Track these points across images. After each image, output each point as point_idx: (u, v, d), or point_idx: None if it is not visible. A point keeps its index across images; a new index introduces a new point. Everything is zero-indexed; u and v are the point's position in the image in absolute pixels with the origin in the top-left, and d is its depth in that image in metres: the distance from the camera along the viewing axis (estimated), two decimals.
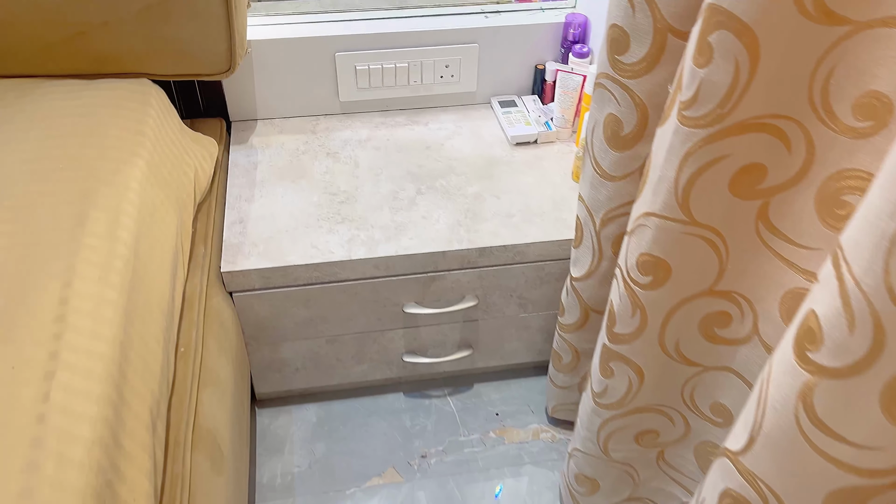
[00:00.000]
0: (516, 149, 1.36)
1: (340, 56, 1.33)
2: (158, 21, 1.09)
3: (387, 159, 1.32)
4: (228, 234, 1.16)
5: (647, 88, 0.85)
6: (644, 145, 0.90)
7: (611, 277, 1.06)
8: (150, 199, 0.98)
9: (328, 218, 1.19)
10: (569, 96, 1.32)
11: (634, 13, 0.80)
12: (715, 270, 0.80)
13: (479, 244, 1.15)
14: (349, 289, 1.17)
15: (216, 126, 1.36)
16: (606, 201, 0.97)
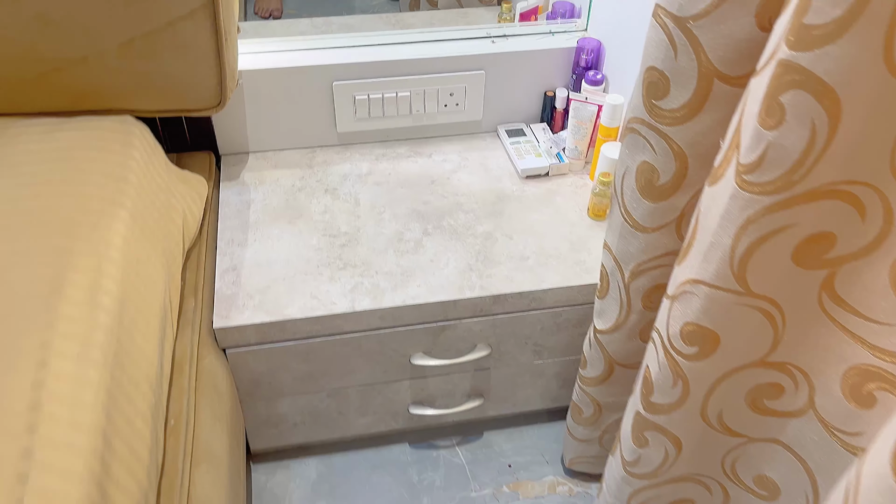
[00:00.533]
0: (527, 182, 1.27)
1: (338, 85, 1.24)
2: (142, 56, 1.00)
3: (390, 196, 1.23)
4: (220, 283, 1.06)
5: (687, 137, 0.77)
6: (682, 196, 0.82)
7: (639, 331, 0.97)
8: (134, 254, 0.89)
9: (329, 264, 1.10)
10: (582, 127, 1.24)
11: (677, 56, 0.72)
12: (769, 342, 0.72)
13: (493, 291, 1.07)
14: (353, 341, 1.08)
15: (204, 161, 1.26)
16: (638, 253, 0.89)
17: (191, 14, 0.99)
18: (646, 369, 0.84)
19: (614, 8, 1.22)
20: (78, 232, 0.86)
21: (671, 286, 0.76)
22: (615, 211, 0.91)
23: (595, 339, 1.03)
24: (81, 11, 0.94)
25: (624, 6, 1.18)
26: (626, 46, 1.19)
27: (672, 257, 0.89)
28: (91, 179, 0.93)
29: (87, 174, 0.93)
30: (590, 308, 1.13)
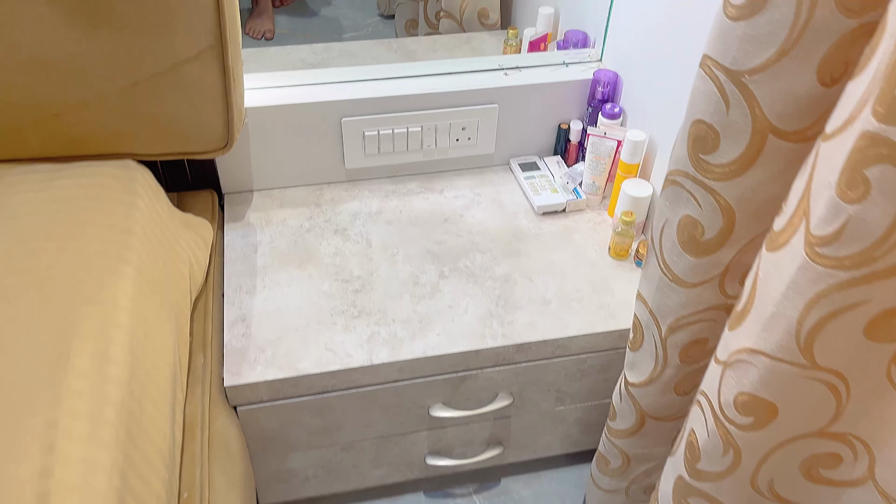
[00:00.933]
0: (543, 219, 1.23)
1: (347, 121, 1.19)
2: (146, 99, 0.95)
3: (402, 235, 1.18)
4: (229, 336, 1.01)
5: (737, 192, 0.73)
6: (727, 251, 0.78)
7: (674, 385, 0.93)
8: (143, 315, 0.83)
9: (342, 311, 1.05)
10: (601, 162, 1.20)
11: (728, 110, 0.68)
12: (830, 413, 0.68)
13: (516, 339, 1.02)
14: (369, 395, 1.03)
15: (207, 201, 1.21)
16: (678, 308, 0.85)
17: (198, 55, 0.93)
18: (691, 433, 0.79)
19: (630, 38, 1.18)
20: (81, 292, 0.80)
21: (722, 351, 0.72)
22: (652, 263, 0.86)
23: (626, 391, 0.98)
24: (82, 55, 0.89)
25: (640, 37, 1.15)
26: (644, 78, 1.15)
27: (714, 312, 0.84)
28: (93, 233, 0.87)
29: (89, 227, 0.88)
30: (614, 353, 1.09)
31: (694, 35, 1.00)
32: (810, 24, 0.60)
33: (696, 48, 1.00)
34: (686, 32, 1.02)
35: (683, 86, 1.05)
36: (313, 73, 1.22)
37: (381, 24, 1.78)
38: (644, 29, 1.13)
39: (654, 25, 1.10)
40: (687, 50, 1.02)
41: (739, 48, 0.64)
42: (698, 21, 0.98)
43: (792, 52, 0.62)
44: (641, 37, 1.15)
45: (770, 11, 0.61)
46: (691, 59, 1.02)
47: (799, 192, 0.60)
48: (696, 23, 0.99)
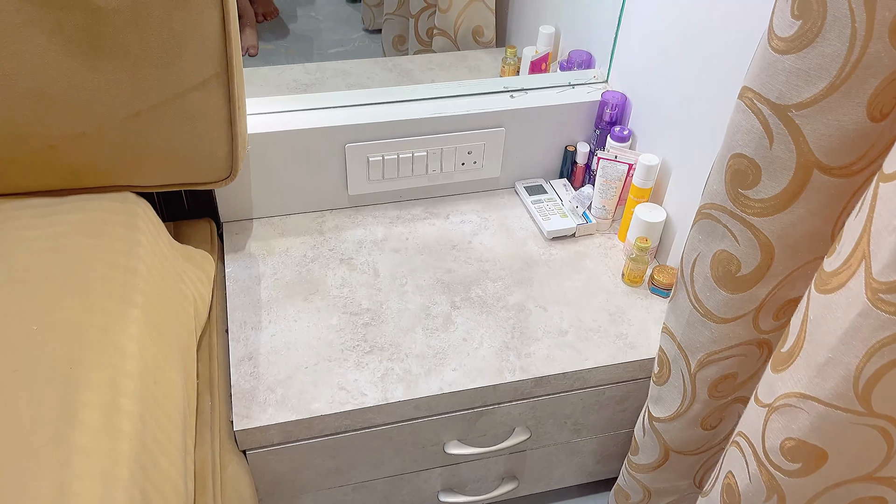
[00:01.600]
0: (553, 244, 1.20)
1: (351, 147, 1.16)
2: (148, 129, 0.90)
3: (410, 264, 1.14)
4: (237, 376, 0.96)
5: (777, 228, 0.70)
6: (763, 287, 0.75)
7: (701, 419, 0.91)
8: (151, 360, 0.78)
9: (353, 347, 1.01)
10: (611, 186, 1.18)
11: (772, 145, 0.66)
12: (881, 458, 0.65)
13: (534, 373, 0.99)
14: (384, 433, 0.99)
15: (205, 230, 1.16)
16: (708, 343, 0.82)
17: (203, 84, 0.89)
18: (728, 476, 0.77)
19: (637, 59, 1.16)
20: (86, 339, 0.75)
21: (766, 393, 0.69)
22: (681, 297, 0.84)
23: (650, 425, 0.95)
24: (82, 86, 0.84)
25: (649, 57, 1.13)
26: (654, 100, 1.13)
27: (746, 347, 0.82)
28: (96, 272, 0.82)
29: (91, 266, 0.83)
30: (633, 384, 1.06)
31: (706, 56, 0.98)
32: (863, 58, 0.58)
33: (708, 69, 0.98)
34: (698, 53, 1.00)
35: (695, 108, 1.03)
36: (315, 97, 1.18)
37: (366, 38, 1.75)
38: (653, 49, 1.11)
39: (664, 46, 1.08)
40: (699, 71, 1.00)
41: (787, 82, 0.62)
42: (711, 42, 0.97)
43: (843, 87, 0.60)
44: (650, 57, 1.13)
45: (821, 45, 0.59)
46: (704, 81, 1.00)
47: (856, 233, 0.58)
48: (708, 44, 0.97)
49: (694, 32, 1.00)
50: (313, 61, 1.50)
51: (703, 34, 0.98)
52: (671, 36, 1.06)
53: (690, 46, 1.01)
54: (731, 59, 0.93)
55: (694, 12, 0.99)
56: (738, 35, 0.91)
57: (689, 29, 1.01)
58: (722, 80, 0.96)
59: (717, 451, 0.98)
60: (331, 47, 1.69)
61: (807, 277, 0.76)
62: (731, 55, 0.93)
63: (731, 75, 0.93)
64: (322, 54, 1.63)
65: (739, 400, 0.90)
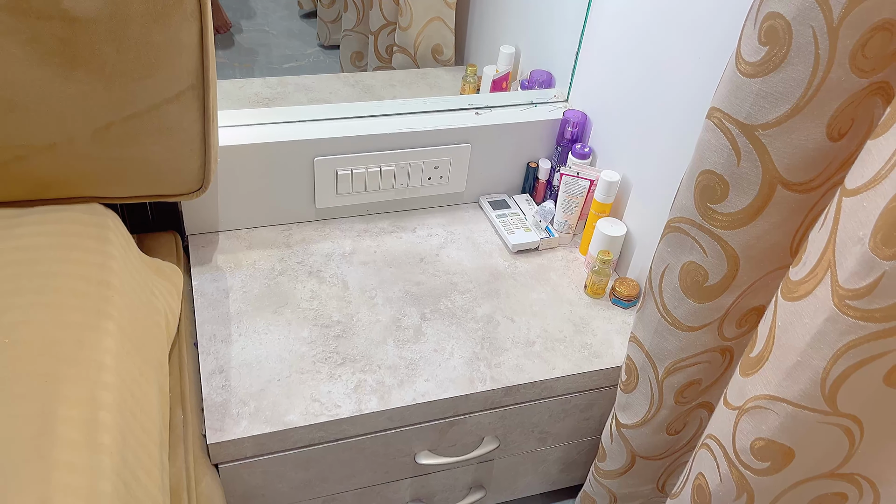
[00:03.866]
0: (518, 257, 1.23)
1: (320, 161, 1.16)
2: (120, 141, 0.89)
3: (378, 277, 1.15)
4: (208, 389, 0.96)
5: (742, 240, 0.75)
6: (728, 296, 0.80)
7: (666, 425, 0.94)
8: (127, 374, 0.78)
9: (325, 359, 1.01)
10: (574, 201, 1.22)
11: (739, 162, 0.70)
12: (843, 455, 0.70)
13: (504, 382, 1.01)
14: (357, 445, 0.99)
15: (170, 243, 1.15)
16: (676, 351, 0.86)
17: (178, 96, 0.89)
18: (699, 477, 0.80)
19: (597, 79, 1.21)
20: (62, 354, 0.74)
21: (735, 396, 0.73)
22: (650, 307, 0.87)
23: (618, 432, 0.99)
24: (54, 96, 0.83)
25: (608, 78, 1.17)
26: (613, 119, 1.18)
27: (710, 354, 0.86)
28: (68, 286, 0.81)
29: (63, 280, 0.81)
30: (597, 393, 1.09)
31: (665, 77, 1.03)
32: (825, 83, 0.63)
33: (667, 90, 1.03)
34: (657, 74, 1.05)
35: (654, 127, 1.07)
36: (284, 110, 1.19)
37: (321, 54, 1.75)
38: (613, 70, 1.16)
39: (624, 67, 1.13)
40: (658, 91, 1.05)
41: (754, 104, 0.67)
42: (669, 63, 1.01)
43: (805, 109, 0.65)
44: (610, 78, 1.17)
45: (787, 70, 0.64)
46: (662, 101, 1.05)
47: (821, 245, 0.62)
48: (666, 65, 1.02)
49: (653, 54, 1.05)
50: (266, 76, 1.50)
51: (661, 56, 1.03)
52: (631, 57, 1.10)
53: (650, 68, 1.06)
54: (689, 80, 0.98)
55: (653, 35, 1.04)
56: (695, 56, 0.96)
57: (648, 50, 1.06)
58: (680, 100, 1.01)
59: (679, 455, 1.02)
60: (284, 62, 1.69)
61: (767, 287, 0.80)
62: (688, 76, 0.98)
63: (689, 95, 0.98)
64: (276, 69, 1.63)
65: (702, 405, 0.94)
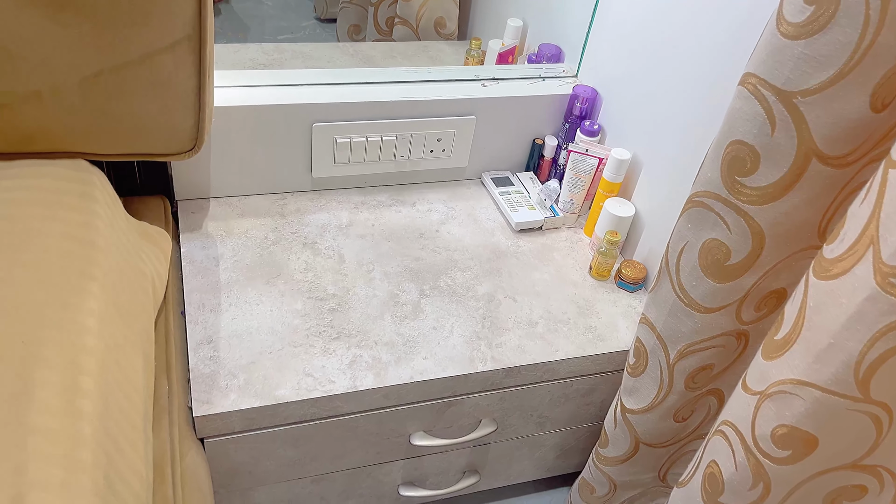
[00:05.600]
0: (521, 236, 1.19)
1: (319, 127, 1.11)
2: (109, 92, 0.84)
3: (376, 251, 1.11)
4: (196, 359, 0.91)
5: (770, 216, 0.71)
6: (751, 276, 0.76)
7: (674, 411, 0.91)
8: (112, 338, 0.73)
9: (319, 333, 0.97)
10: (581, 180, 1.17)
11: (774, 131, 0.66)
12: (868, 445, 0.66)
13: (506, 363, 0.97)
14: (349, 423, 0.95)
15: (158, 208, 1.09)
16: (691, 333, 0.82)
17: (172, 47, 0.84)
18: (712, 465, 0.77)
19: (609, 54, 1.16)
20: (42, 315, 0.69)
21: (757, 381, 0.69)
22: (665, 286, 0.83)
23: (622, 417, 0.95)
24: (40, 39, 0.77)
25: (620, 53, 1.13)
26: (625, 96, 1.14)
27: (726, 338, 0.82)
28: (51, 245, 0.75)
29: (46, 238, 0.76)
30: (599, 377, 1.05)
31: (679, 53, 0.99)
32: (873, 47, 0.59)
33: (682, 66, 0.99)
34: (671, 50, 1.01)
35: (667, 104, 1.03)
36: (283, 73, 1.13)
37: (318, 27, 1.70)
38: (626, 45, 1.12)
39: (638, 42, 1.08)
40: (672, 67, 1.01)
41: (795, 68, 0.62)
42: (684, 39, 0.97)
43: (850, 76, 0.61)
44: (622, 54, 1.13)
45: (833, 32, 0.59)
46: (676, 77, 1.00)
47: (862, 220, 0.58)
48: (682, 40, 0.98)
49: (668, 27, 1.00)
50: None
51: (678, 30, 0.99)
52: (645, 31, 1.06)
53: (665, 42, 1.02)
54: (706, 56, 0.94)
55: (669, 8, 1.00)
56: (712, 31, 0.92)
57: (663, 24, 1.01)
58: (696, 77, 0.96)
59: (684, 443, 0.98)
60: (280, 34, 1.64)
61: (791, 269, 0.76)
62: (704, 51, 0.94)
63: (706, 72, 0.94)
64: (271, 41, 1.58)
65: (712, 392, 0.91)
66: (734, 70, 0.89)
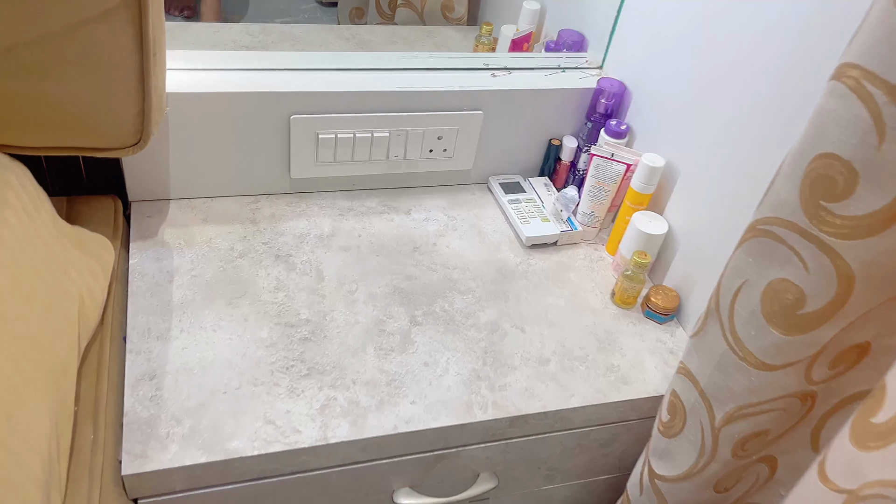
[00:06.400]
0: (532, 253, 1.02)
1: (298, 120, 0.95)
2: (26, 71, 0.67)
3: (362, 267, 0.94)
4: (132, 400, 0.74)
5: (865, 255, 0.54)
6: (830, 328, 0.59)
7: (716, 482, 0.74)
8: (5, 386, 0.56)
9: (287, 368, 0.80)
10: (604, 189, 1.00)
11: (882, 142, 0.49)
12: None
13: (510, 410, 0.81)
14: (319, 479, 0.79)
15: (107, 209, 0.93)
16: (745, 393, 0.65)
17: (105, 16, 0.67)
18: None
19: (640, 43, 0.99)
20: None
21: (844, 475, 0.52)
22: (713, 333, 0.66)
23: (650, 483, 0.78)
24: None
25: (654, 42, 0.96)
26: (658, 91, 0.97)
27: (788, 400, 0.65)
28: None
29: None
30: (621, 427, 0.89)
31: (726, 42, 0.82)
32: None
33: (728, 57, 0.82)
34: (716, 38, 0.83)
35: (710, 102, 0.86)
36: (257, 56, 0.97)
37: (318, 11, 1.56)
38: (661, 32, 0.95)
39: (675, 25, 0.91)
40: (717, 58, 0.84)
41: None
42: (732, 25, 0.80)
43: None
44: (657, 40, 0.96)
45: None
46: (722, 70, 0.84)
47: None
48: (729, 27, 0.81)
49: (712, 13, 0.83)
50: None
51: (723, 15, 0.82)
52: (686, 13, 0.89)
53: (712, 24, 0.85)
54: (770, 39, 0.77)
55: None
56: (765, 17, 0.74)
57: (706, 8, 0.84)
58: (755, 66, 0.79)
59: None
60: (277, 17, 1.50)
61: (883, 318, 0.59)
62: (770, 34, 0.76)
63: (771, 60, 0.77)
64: (268, 23, 1.44)
65: (763, 459, 0.74)
66: (815, 58, 0.72)
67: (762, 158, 0.79)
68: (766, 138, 0.78)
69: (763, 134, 0.79)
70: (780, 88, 0.76)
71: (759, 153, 0.80)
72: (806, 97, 0.72)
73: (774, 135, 0.77)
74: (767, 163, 0.78)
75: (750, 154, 0.81)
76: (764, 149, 0.79)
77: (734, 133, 0.83)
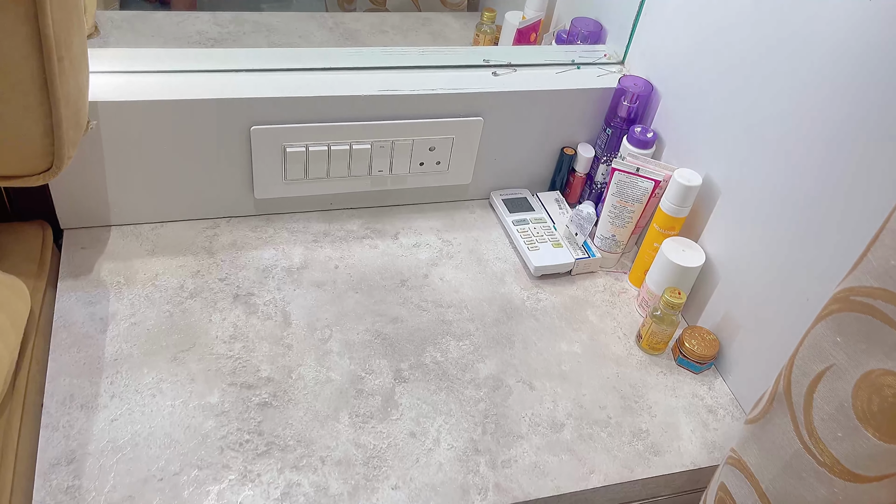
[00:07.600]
0: (542, 285, 0.86)
1: (259, 131, 0.79)
2: None
3: (338, 307, 0.79)
4: (43, 493, 0.60)
5: None
6: None
7: None
8: None
9: (241, 444, 0.65)
10: (627, 209, 0.84)
11: None
12: None
13: (516, 495, 0.65)
14: None
15: (33, 239, 0.78)
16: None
17: None
18: None
19: (669, 33, 0.83)
20: None
21: None
22: (780, 424, 0.51)
23: None
24: None
25: (686, 33, 0.80)
26: (692, 92, 0.81)
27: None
28: None
29: None
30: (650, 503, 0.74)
31: (778, 32, 0.66)
32: None
33: (780, 51, 0.66)
34: (764, 27, 0.67)
35: (757, 106, 0.70)
36: (210, 53, 0.81)
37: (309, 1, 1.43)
38: (695, 19, 0.78)
39: (712, 17, 0.75)
40: (766, 53, 0.68)
41: None
42: (786, 10, 0.64)
43: None
44: (689, 33, 0.80)
45: None
46: (772, 67, 0.67)
47: None
48: (782, 12, 0.64)
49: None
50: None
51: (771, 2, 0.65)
52: (723, 3, 0.73)
53: (753, 17, 0.68)
54: (832, 34, 0.60)
55: None
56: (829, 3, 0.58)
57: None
58: (799, 66, 0.63)
59: None
60: (262, 3, 1.36)
61: None
62: (833, 28, 0.60)
63: (814, 60, 0.61)
64: (253, 10, 1.29)
65: None
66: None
67: (838, 179, 0.63)
68: (845, 156, 0.62)
69: (840, 150, 0.63)
70: (876, 90, 0.59)
71: (830, 172, 0.63)
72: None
73: (855, 151, 0.61)
74: (845, 185, 0.62)
75: (817, 173, 0.65)
76: (839, 168, 0.63)
77: (794, 146, 0.67)
